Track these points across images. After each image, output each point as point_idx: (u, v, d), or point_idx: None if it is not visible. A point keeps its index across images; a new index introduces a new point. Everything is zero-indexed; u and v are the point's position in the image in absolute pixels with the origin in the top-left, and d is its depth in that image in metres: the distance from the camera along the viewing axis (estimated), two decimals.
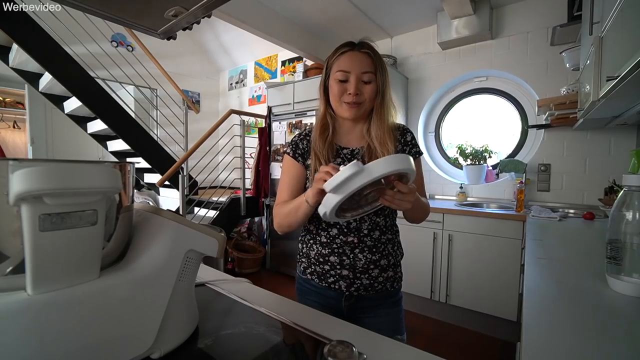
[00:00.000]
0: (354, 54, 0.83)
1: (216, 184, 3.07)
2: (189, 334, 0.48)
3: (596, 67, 1.11)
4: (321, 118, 0.91)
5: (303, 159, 0.91)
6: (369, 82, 0.83)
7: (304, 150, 0.92)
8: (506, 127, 2.67)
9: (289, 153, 0.92)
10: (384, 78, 0.85)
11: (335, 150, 0.89)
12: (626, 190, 0.63)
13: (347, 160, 0.89)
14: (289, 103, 3.01)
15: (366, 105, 0.85)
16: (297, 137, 0.94)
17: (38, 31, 2.45)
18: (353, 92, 0.81)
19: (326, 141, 0.87)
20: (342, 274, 0.84)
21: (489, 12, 2.34)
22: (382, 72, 0.84)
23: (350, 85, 0.82)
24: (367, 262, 0.84)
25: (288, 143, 0.92)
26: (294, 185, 0.90)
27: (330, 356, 0.37)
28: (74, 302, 0.34)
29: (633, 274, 0.63)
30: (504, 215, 1.99)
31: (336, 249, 0.85)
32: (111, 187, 0.34)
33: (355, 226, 0.85)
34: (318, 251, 0.87)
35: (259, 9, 2.53)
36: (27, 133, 4.21)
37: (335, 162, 0.87)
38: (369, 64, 0.83)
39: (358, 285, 0.84)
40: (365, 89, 0.83)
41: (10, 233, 0.31)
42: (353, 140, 0.92)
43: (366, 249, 0.84)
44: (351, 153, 0.90)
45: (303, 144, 0.92)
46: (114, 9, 0.57)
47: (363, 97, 0.83)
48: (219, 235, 0.49)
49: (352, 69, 0.82)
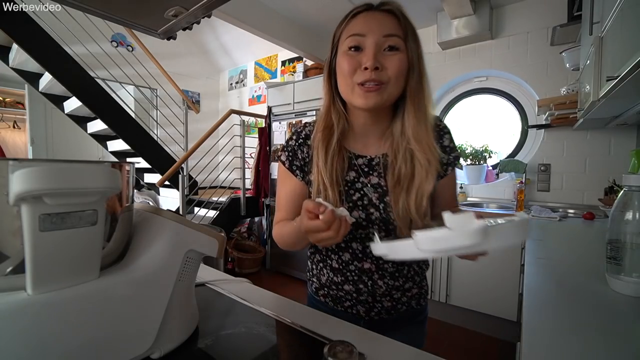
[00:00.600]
0: (373, 14, 0.59)
1: (216, 184, 3.07)
2: (189, 334, 0.48)
3: (596, 67, 1.11)
4: (324, 115, 0.66)
5: (303, 172, 0.69)
6: (394, 49, 0.58)
7: (304, 162, 0.69)
8: (506, 127, 2.67)
9: (284, 162, 0.70)
10: (417, 47, 0.60)
11: (348, 160, 0.66)
12: (626, 190, 0.63)
13: (362, 174, 0.66)
14: (289, 103, 3.01)
15: (391, 86, 0.59)
16: (295, 141, 0.70)
17: (38, 31, 2.45)
18: (371, 64, 0.56)
19: (331, 149, 0.63)
20: (360, 299, 0.69)
21: (489, 12, 2.34)
22: (415, 40, 0.60)
23: (365, 55, 0.57)
24: (388, 288, 0.68)
25: (283, 145, 0.71)
26: (293, 201, 0.70)
27: (330, 356, 0.36)
28: (74, 302, 0.34)
29: (633, 274, 0.63)
30: (504, 215, 1.98)
31: (350, 276, 0.68)
32: (111, 187, 0.34)
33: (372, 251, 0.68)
34: (329, 277, 0.71)
35: (259, 9, 2.53)
36: (27, 133, 4.21)
37: (347, 177, 0.66)
38: (394, 26, 0.58)
39: (379, 309, 0.69)
40: (390, 61, 0.58)
41: (10, 233, 0.31)
42: (372, 144, 0.68)
43: (387, 275, 0.68)
44: (369, 164, 0.67)
45: (302, 152, 0.69)
46: (114, 9, 0.57)
47: (386, 74, 0.58)
48: (219, 235, 0.49)
49: (369, 31, 0.57)
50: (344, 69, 0.60)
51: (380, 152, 0.67)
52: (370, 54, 0.57)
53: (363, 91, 0.58)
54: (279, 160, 0.72)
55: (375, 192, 0.65)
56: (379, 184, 0.66)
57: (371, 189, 0.66)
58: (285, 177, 0.71)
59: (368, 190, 0.66)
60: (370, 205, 0.65)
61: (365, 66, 0.57)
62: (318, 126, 0.66)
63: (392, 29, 0.58)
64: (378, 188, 0.66)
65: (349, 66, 0.59)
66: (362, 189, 0.66)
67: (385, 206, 0.64)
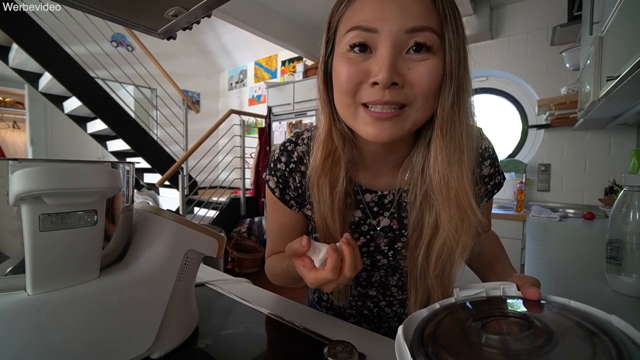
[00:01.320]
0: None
1: (216, 184, 3.07)
2: (189, 334, 0.48)
3: (596, 67, 1.11)
4: (324, 139, 0.46)
5: (298, 204, 0.54)
6: (424, 50, 0.38)
7: (299, 192, 0.53)
8: (506, 127, 2.67)
9: (273, 190, 0.54)
10: (459, 43, 0.40)
11: (354, 195, 0.51)
12: (626, 190, 0.63)
13: (371, 215, 0.52)
14: (289, 103, 3.01)
15: (416, 110, 0.40)
16: (285, 165, 0.53)
17: (38, 31, 2.46)
18: (385, 79, 0.36)
19: (338, 186, 0.46)
20: (366, 319, 0.63)
21: (489, 12, 2.34)
22: (457, 32, 0.39)
23: (376, 62, 0.38)
24: (397, 315, 0.61)
25: (270, 168, 0.54)
26: (288, 233, 0.57)
27: (330, 356, 0.36)
28: (74, 302, 0.34)
29: (633, 274, 0.63)
30: (504, 215, 1.98)
31: (353, 301, 0.61)
32: (111, 187, 0.34)
33: (378, 280, 0.58)
34: (330, 298, 0.63)
35: (259, 9, 2.53)
36: (27, 133, 4.21)
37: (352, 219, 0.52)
38: (424, 11, 0.37)
39: (386, 329, 0.63)
40: (416, 72, 0.38)
41: (10, 233, 0.31)
42: (384, 175, 0.51)
43: (396, 302, 0.60)
44: (379, 202, 0.52)
45: (295, 181, 0.52)
46: (114, 9, 0.57)
47: (411, 92, 0.39)
48: (219, 235, 0.49)
49: (383, 22, 0.37)
50: (342, 82, 0.40)
51: (394, 187, 0.50)
52: (385, 60, 0.37)
53: (372, 117, 0.39)
54: (267, 185, 0.55)
55: (385, 237, 0.53)
56: (390, 228, 0.53)
57: (381, 233, 0.53)
58: (276, 206, 0.56)
59: (377, 235, 0.53)
60: (377, 252, 0.54)
61: (375, 81, 0.37)
62: (317, 153, 0.47)
63: (420, 18, 0.37)
64: (389, 232, 0.53)
65: (349, 78, 0.39)
66: (369, 232, 0.53)
67: (395, 253, 0.54)
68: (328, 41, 0.45)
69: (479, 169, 0.50)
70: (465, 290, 0.39)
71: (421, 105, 0.40)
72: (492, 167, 0.53)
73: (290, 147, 0.53)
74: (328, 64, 0.46)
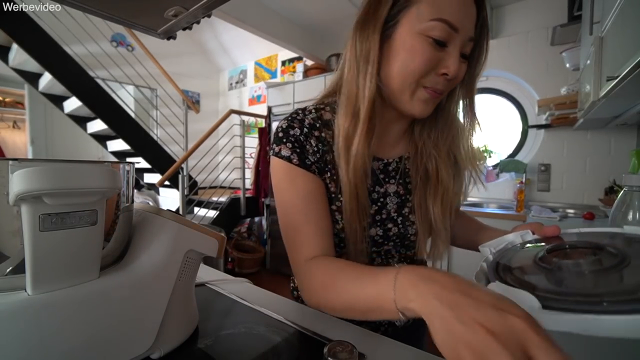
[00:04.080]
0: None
1: (216, 184, 3.07)
2: (189, 334, 0.48)
3: (596, 67, 1.11)
4: (368, 111, 0.47)
5: (320, 171, 0.52)
6: (466, 56, 0.47)
7: (317, 157, 0.51)
8: (506, 127, 2.67)
9: (289, 158, 0.50)
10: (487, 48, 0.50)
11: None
12: (626, 190, 0.63)
13: (379, 182, 0.56)
14: (289, 103, 3.01)
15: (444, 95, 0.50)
16: (299, 130, 0.51)
17: (38, 31, 2.46)
18: (455, 74, 0.45)
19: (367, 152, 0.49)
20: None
21: (489, 12, 2.34)
22: (487, 39, 0.50)
23: (451, 58, 0.45)
24: None
25: (278, 139, 0.52)
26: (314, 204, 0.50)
27: (330, 356, 0.36)
28: (74, 302, 0.34)
29: None
30: (504, 216, 1.99)
31: None
32: (111, 187, 0.34)
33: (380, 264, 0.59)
34: None
35: (259, 9, 2.53)
36: (27, 133, 4.21)
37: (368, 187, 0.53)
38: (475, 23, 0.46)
39: (386, 328, 0.63)
40: (460, 70, 0.46)
41: (10, 233, 0.31)
42: (390, 143, 0.57)
43: None
44: (384, 169, 0.56)
45: (312, 146, 0.51)
46: (114, 9, 0.57)
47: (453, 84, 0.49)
48: (219, 235, 0.49)
49: (462, 26, 0.44)
50: (417, 62, 0.44)
51: (397, 154, 0.57)
52: (457, 59, 0.44)
53: (430, 97, 0.47)
54: (277, 156, 0.51)
55: (395, 203, 0.57)
56: (397, 193, 0.57)
57: (394, 198, 0.57)
58: (295, 178, 0.50)
59: (390, 200, 0.56)
60: (388, 220, 0.57)
61: (446, 72, 0.45)
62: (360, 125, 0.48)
63: (474, 29, 0.46)
64: (397, 198, 0.57)
65: (427, 62, 0.44)
66: (379, 199, 0.56)
67: (403, 220, 0.57)
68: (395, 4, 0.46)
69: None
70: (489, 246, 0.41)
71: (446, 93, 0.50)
72: None
73: (300, 117, 0.54)
74: (389, 32, 0.47)
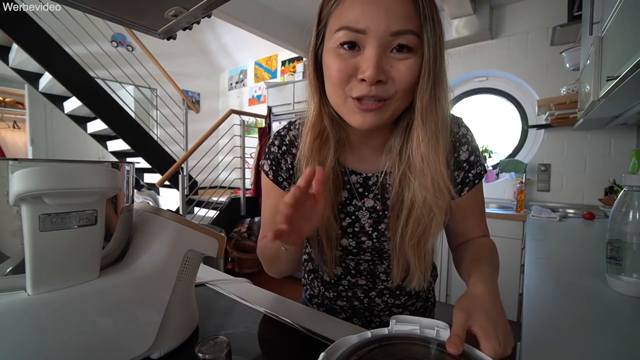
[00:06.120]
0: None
1: (216, 184, 3.07)
2: (189, 334, 0.48)
3: (596, 67, 1.11)
4: (314, 121, 0.51)
5: (290, 185, 0.58)
6: (406, 50, 0.42)
7: (290, 174, 0.58)
8: (506, 127, 2.67)
9: (267, 173, 0.59)
10: (436, 41, 0.43)
11: (340, 174, 0.55)
12: (626, 190, 0.63)
13: (357, 195, 0.56)
14: (289, 103, 3.01)
15: (396, 102, 0.45)
16: (277, 148, 0.58)
17: (38, 31, 2.45)
18: (371, 77, 0.41)
19: (326, 166, 0.51)
20: (357, 313, 0.64)
21: (489, 12, 2.34)
22: (434, 31, 0.42)
23: (365, 60, 0.42)
24: (387, 306, 0.62)
25: (265, 153, 0.60)
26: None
27: None
28: (74, 302, 0.34)
29: (633, 274, 0.63)
30: (504, 215, 1.99)
31: (344, 292, 0.62)
32: (111, 187, 0.34)
33: (367, 268, 0.60)
34: (321, 292, 0.65)
35: (259, 9, 2.53)
36: (27, 133, 4.21)
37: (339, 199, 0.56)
38: (407, 14, 0.41)
39: (377, 324, 0.64)
40: (398, 70, 0.42)
41: (10, 233, 0.31)
42: (369, 157, 0.56)
43: (386, 292, 0.61)
44: (364, 183, 0.56)
45: (286, 162, 0.57)
46: (114, 9, 0.57)
47: (392, 88, 0.43)
48: (219, 235, 0.49)
49: (371, 25, 0.40)
50: (333, 76, 0.44)
51: (378, 169, 0.55)
52: (372, 61, 0.40)
53: (358, 108, 0.44)
54: (262, 169, 0.60)
55: (370, 217, 0.56)
56: (374, 208, 0.56)
57: (366, 213, 0.56)
58: (270, 189, 0.60)
59: (362, 214, 0.56)
60: (362, 233, 0.57)
61: (363, 77, 0.41)
62: (307, 136, 0.51)
63: (404, 22, 0.40)
64: (373, 213, 0.56)
65: (339, 72, 0.43)
66: (354, 213, 0.57)
67: (378, 235, 0.57)
68: (318, 33, 0.48)
69: (457, 153, 0.54)
70: (401, 324, 0.40)
71: (400, 98, 0.45)
72: (473, 155, 0.54)
73: (283, 133, 0.59)
74: (318, 54, 0.49)
